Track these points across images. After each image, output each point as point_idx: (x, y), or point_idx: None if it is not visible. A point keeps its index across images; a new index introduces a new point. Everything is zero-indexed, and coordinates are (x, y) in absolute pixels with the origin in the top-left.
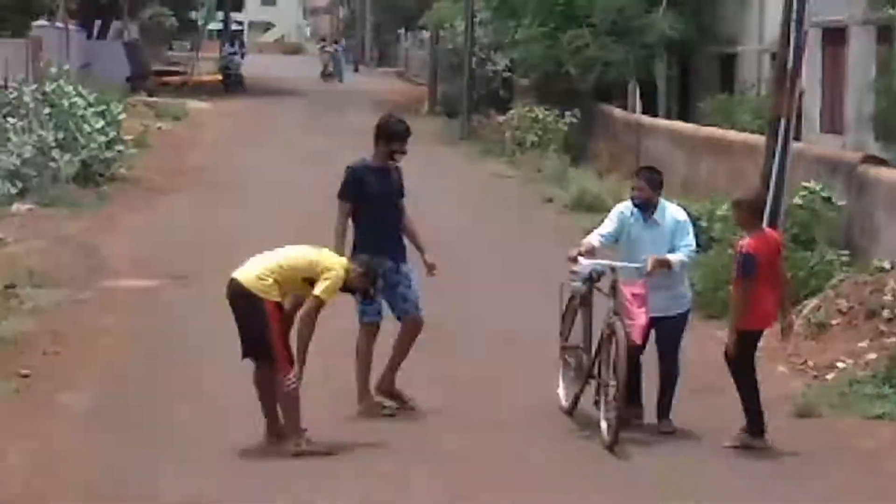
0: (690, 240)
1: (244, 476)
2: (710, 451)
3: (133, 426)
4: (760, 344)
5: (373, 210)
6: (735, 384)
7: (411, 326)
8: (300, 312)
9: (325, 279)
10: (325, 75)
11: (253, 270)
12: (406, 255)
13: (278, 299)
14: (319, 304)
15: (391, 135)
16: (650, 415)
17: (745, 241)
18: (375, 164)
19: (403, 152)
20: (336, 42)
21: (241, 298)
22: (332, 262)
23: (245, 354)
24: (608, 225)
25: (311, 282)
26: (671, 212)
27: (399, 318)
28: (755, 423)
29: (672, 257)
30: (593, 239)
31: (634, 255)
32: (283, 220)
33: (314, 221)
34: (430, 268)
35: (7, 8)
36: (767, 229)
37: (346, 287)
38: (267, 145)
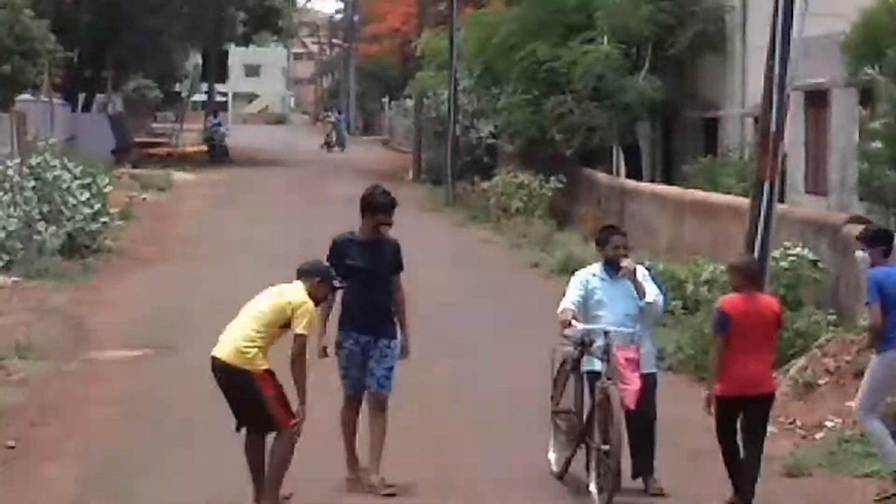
0: (656, 290)
1: None
2: None
3: (120, 498)
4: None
5: (356, 284)
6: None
7: (371, 402)
8: (291, 356)
9: (300, 315)
10: (327, 144)
11: (233, 345)
12: (391, 331)
13: (266, 366)
14: (304, 341)
15: (376, 206)
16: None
17: (722, 298)
18: (362, 237)
19: (389, 224)
20: (339, 112)
21: (229, 376)
22: (296, 296)
23: (241, 425)
24: (574, 293)
25: (287, 324)
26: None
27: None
28: (739, 489)
29: (649, 291)
30: (570, 306)
31: (606, 313)
32: (265, 288)
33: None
34: (402, 350)
35: None
36: (763, 296)
37: (317, 302)
38: (251, 215)
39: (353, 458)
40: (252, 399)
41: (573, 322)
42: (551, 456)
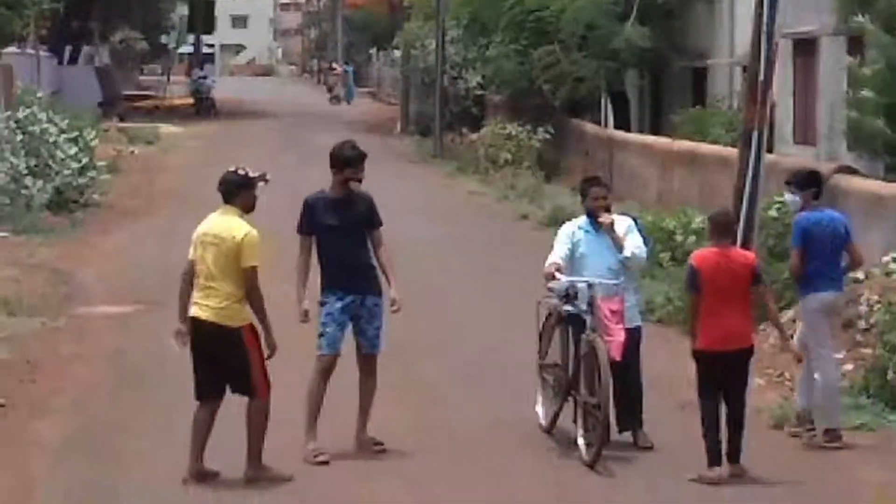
0: (639, 241)
1: None
2: (692, 467)
3: (108, 455)
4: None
5: (332, 242)
6: None
7: (362, 362)
8: (246, 290)
9: (247, 246)
10: (333, 97)
11: (213, 303)
12: (375, 287)
13: (250, 320)
14: (256, 272)
15: (344, 161)
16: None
17: (694, 253)
18: (333, 194)
19: (358, 179)
20: (346, 62)
21: (215, 338)
22: (238, 229)
23: (209, 390)
24: (561, 247)
25: None
26: (620, 221)
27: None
28: (710, 451)
29: (628, 244)
30: (557, 259)
31: (588, 266)
32: None
33: (282, 240)
34: (392, 303)
35: None
36: (737, 249)
37: (250, 210)
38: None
39: (314, 426)
40: (239, 358)
41: (557, 274)
42: (539, 409)
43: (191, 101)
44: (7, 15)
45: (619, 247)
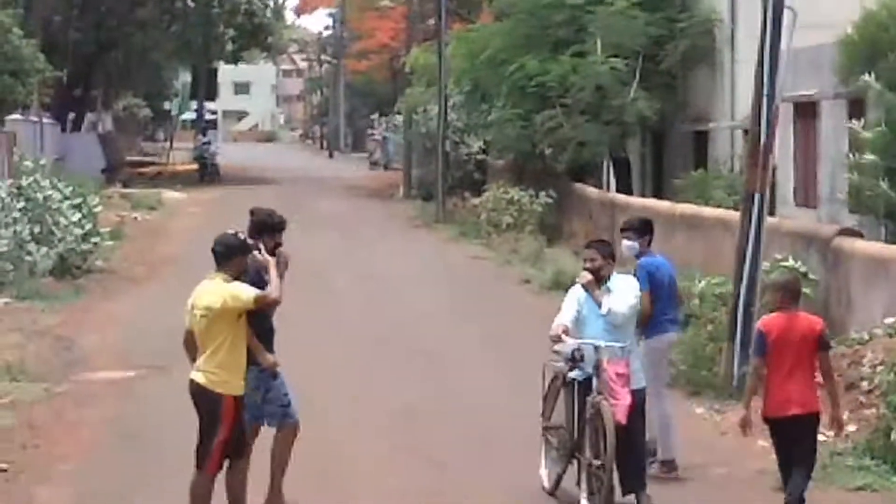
0: (624, 299)
1: None
2: None
3: None
4: (739, 419)
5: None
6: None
7: (281, 435)
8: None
9: (238, 293)
10: (372, 163)
11: (205, 367)
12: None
13: (235, 392)
14: (258, 299)
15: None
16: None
17: (762, 319)
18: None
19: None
20: (386, 127)
21: (200, 399)
22: (219, 293)
23: (234, 451)
24: (569, 310)
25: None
26: (622, 281)
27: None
28: None
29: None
30: (565, 322)
31: (588, 327)
32: None
33: (284, 305)
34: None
35: None
36: (803, 314)
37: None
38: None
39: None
40: (209, 424)
41: (564, 336)
42: (542, 472)
43: (194, 167)
44: (10, 82)
45: (598, 305)
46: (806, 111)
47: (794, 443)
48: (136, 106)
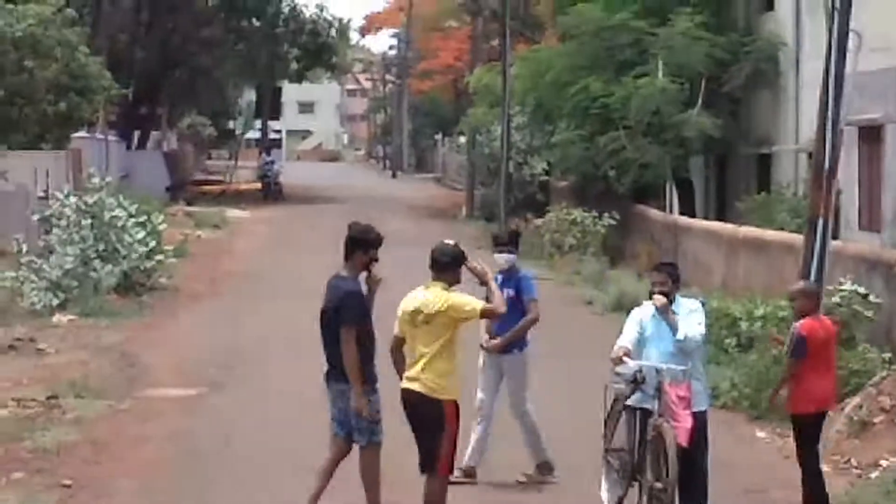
0: (700, 319)
1: None
2: None
3: None
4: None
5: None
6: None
7: (365, 454)
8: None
9: (453, 308)
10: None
11: (423, 375)
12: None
13: (455, 397)
14: (481, 311)
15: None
16: None
17: (800, 322)
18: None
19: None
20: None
21: (419, 408)
22: (440, 300)
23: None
24: (630, 332)
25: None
26: (685, 304)
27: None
28: None
29: (683, 323)
30: (626, 343)
31: (652, 349)
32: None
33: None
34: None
35: (48, 120)
36: (823, 317)
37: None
38: (305, 252)
39: None
40: (433, 431)
41: (625, 359)
42: (604, 495)
43: (257, 185)
44: (77, 101)
45: (673, 329)
46: (871, 135)
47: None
48: (200, 124)
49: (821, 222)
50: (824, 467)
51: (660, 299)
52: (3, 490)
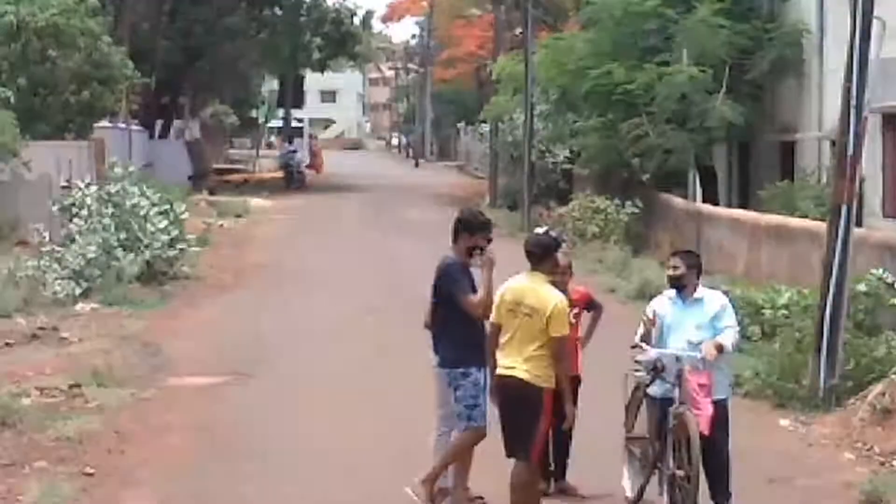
0: (734, 322)
1: None
2: None
3: None
4: (827, 431)
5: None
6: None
7: (462, 435)
8: (554, 359)
9: (556, 317)
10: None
11: (522, 363)
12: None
13: (553, 385)
14: (564, 341)
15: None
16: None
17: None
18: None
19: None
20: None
21: (518, 395)
22: (549, 298)
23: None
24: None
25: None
26: (711, 295)
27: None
28: None
29: (724, 340)
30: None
31: (671, 338)
32: (342, 316)
33: (374, 315)
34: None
35: (70, 110)
36: None
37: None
38: (327, 241)
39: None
40: (531, 418)
41: (644, 346)
42: (625, 483)
43: (280, 174)
44: (99, 90)
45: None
46: (894, 122)
47: None
48: (223, 113)
49: (844, 210)
50: (847, 455)
51: (710, 351)
52: (26, 478)
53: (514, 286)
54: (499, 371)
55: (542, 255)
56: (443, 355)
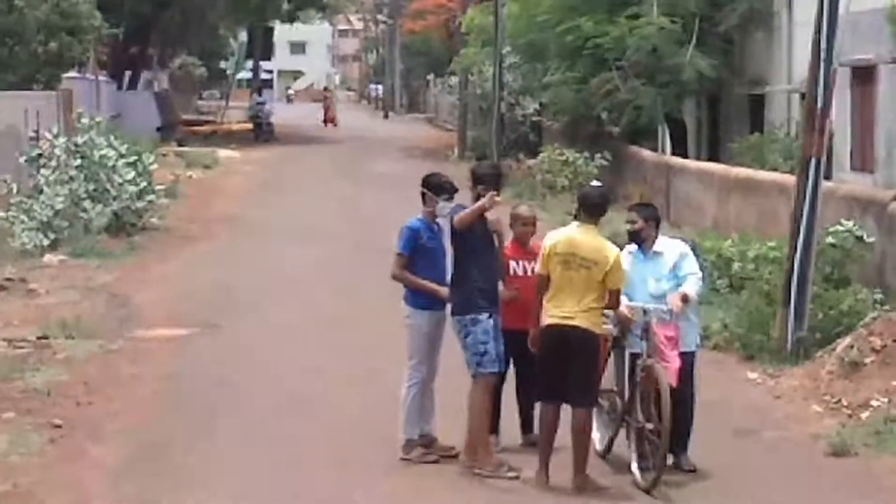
0: (695, 268)
1: None
2: (746, 492)
3: (165, 478)
4: (795, 383)
5: (483, 257)
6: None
7: (475, 385)
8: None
9: (614, 269)
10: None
11: (578, 312)
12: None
13: (607, 333)
14: (619, 293)
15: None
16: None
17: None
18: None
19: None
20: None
21: (575, 342)
22: (607, 250)
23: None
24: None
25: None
26: (671, 245)
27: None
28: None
29: (688, 289)
30: None
31: (634, 291)
32: (311, 267)
33: (342, 266)
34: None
35: (38, 60)
36: None
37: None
38: (296, 193)
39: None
40: (590, 366)
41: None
42: (595, 435)
43: (249, 126)
44: (67, 41)
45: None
46: (864, 76)
47: None
48: (191, 65)
49: (813, 163)
50: (815, 407)
51: (676, 303)
52: None
53: (566, 238)
54: (552, 321)
55: (599, 207)
56: (454, 302)
